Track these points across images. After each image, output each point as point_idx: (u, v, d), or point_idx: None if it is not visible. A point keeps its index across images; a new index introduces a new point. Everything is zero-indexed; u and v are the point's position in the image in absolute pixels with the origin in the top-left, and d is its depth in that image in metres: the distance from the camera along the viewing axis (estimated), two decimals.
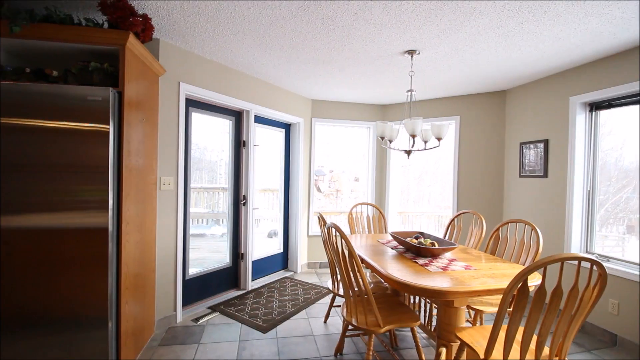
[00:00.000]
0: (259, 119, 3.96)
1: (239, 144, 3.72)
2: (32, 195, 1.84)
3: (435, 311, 2.72)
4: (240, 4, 2.10)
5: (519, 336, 1.63)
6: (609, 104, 2.89)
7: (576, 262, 1.30)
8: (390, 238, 2.95)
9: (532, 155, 3.53)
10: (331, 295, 3.54)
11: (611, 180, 2.99)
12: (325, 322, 2.98)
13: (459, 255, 2.37)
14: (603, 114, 2.99)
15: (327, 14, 2.21)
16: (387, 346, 2.47)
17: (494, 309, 2.21)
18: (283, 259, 4.54)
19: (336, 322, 2.99)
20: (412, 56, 2.83)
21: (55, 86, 1.86)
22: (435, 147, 2.69)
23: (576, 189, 3.05)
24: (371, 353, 1.99)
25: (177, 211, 2.91)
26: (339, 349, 2.41)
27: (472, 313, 2.59)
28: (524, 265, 2.27)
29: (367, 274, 3.09)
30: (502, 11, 2.12)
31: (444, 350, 1.93)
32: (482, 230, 2.76)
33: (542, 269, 1.28)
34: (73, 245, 1.88)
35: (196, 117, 3.25)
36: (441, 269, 1.99)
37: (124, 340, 2.05)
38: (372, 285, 2.73)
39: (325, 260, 4.72)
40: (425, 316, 2.68)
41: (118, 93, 1.98)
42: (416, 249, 2.28)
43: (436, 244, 2.35)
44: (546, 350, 1.54)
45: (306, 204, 4.60)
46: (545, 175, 3.36)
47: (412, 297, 2.85)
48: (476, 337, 1.75)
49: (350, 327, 2.56)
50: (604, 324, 2.75)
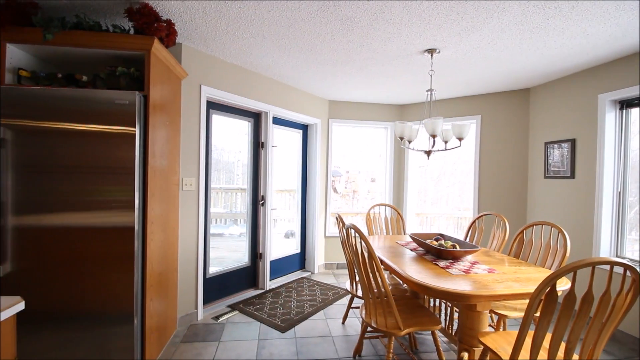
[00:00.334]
0: (277, 120, 3.99)
1: (257, 145, 3.76)
2: (63, 195, 1.93)
3: (456, 315, 2.67)
4: (261, 6, 2.13)
5: (546, 343, 1.58)
6: None
7: (608, 266, 1.25)
8: (409, 240, 2.92)
9: (558, 155, 3.40)
10: (349, 296, 3.53)
11: None
12: (343, 323, 2.97)
13: (481, 258, 2.31)
14: (634, 111, 2.86)
15: (346, 14, 2.21)
16: (406, 349, 2.44)
17: (518, 314, 2.15)
18: (300, 260, 4.56)
19: (354, 323, 2.98)
20: (432, 55, 2.79)
21: (86, 91, 1.93)
22: (457, 147, 2.64)
23: (605, 190, 2.92)
24: (391, 356, 1.97)
25: (199, 211, 2.97)
26: (357, 351, 2.40)
27: (495, 317, 2.52)
28: (550, 269, 2.20)
29: (385, 275, 3.06)
30: (527, 7, 2.06)
31: (465, 355, 1.90)
32: (505, 233, 2.69)
33: (571, 273, 1.23)
34: (101, 243, 1.96)
35: (216, 118, 3.31)
36: (463, 271, 1.95)
37: (148, 337, 2.12)
38: (391, 287, 2.70)
39: (343, 261, 4.71)
40: (445, 319, 2.63)
41: (144, 96, 2.05)
42: (437, 251, 2.24)
43: (457, 246, 2.31)
44: (575, 357, 1.48)
45: (323, 204, 4.61)
46: (572, 176, 3.24)
47: (431, 299, 2.81)
48: (500, 342, 1.70)
49: (369, 328, 2.55)
50: (635, 332, 2.62)
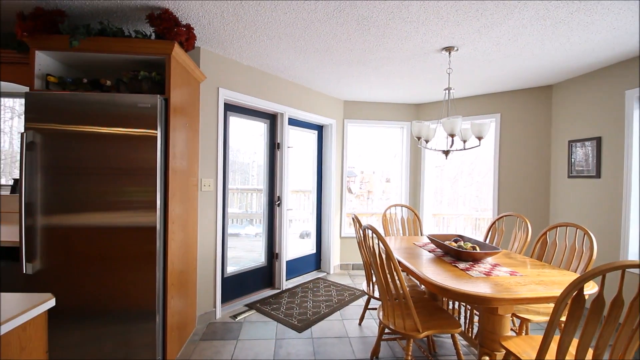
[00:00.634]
0: (293, 121, 4.02)
1: (273, 146, 3.80)
2: (89, 196, 2.00)
3: (476, 318, 2.62)
4: (278, 9, 2.15)
5: (572, 348, 1.53)
6: None
7: (638, 270, 1.20)
8: (427, 241, 2.87)
9: (582, 154, 3.28)
10: (365, 298, 3.52)
11: None
12: (359, 324, 2.96)
13: (502, 260, 2.26)
14: None
15: (362, 14, 2.20)
16: (425, 352, 2.40)
17: (541, 318, 2.08)
18: (316, 260, 4.57)
19: (371, 324, 2.96)
20: (449, 53, 2.74)
21: (110, 95, 2.00)
22: (476, 146, 2.59)
23: (633, 190, 2.79)
24: (410, 358, 1.95)
25: (217, 211, 3.02)
26: (375, 353, 2.38)
27: (517, 321, 2.46)
28: (575, 272, 2.12)
29: (403, 276, 3.02)
30: (549, 2, 2.00)
31: (487, 359, 1.85)
32: (527, 235, 2.61)
33: (599, 277, 1.19)
34: (124, 242, 2.02)
35: (233, 120, 3.36)
36: (484, 274, 1.91)
37: (169, 334, 2.17)
38: (408, 289, 2.67)
39: (358, 262, 4.69)
40: (465, 322, 2.58)
41: (164, 100, 2.10)
42: (456, 253, 2.20)
43: (477, 247, 2.26)
44: None
45: (338, 205, 4.60)
46: (598, 175, 3.11)
47: (450, 302, 2.76)
48: (523, 347, 1.66)
49: (386, 330, 2.53)
50: None
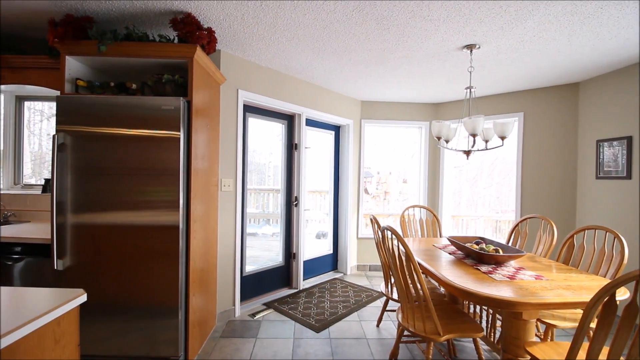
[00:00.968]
0: (310, 122, 4.03)
1: (291, 147, 3.82)
2: (115, 195, 2.08)
3: (498, 322, 2.55)
4: (297, 10, 2.16)
5: (602, 356, 1.47)
6: None
7: None
8: (447, 242, 2.82)
9: (610, 154, 3.14)
10: (383, 299, 3.49)
11: None
12: (377, 325, 2.94)
13: (527, 263, 2.19)
14: None
15: (382, 13, 2.18)
16: (445, 355, 2.36)
17: (567, 324, 2.01)
18: (333, 260, 4.56)
19: (389, 326, 2.94)
20: (471, 51, 2.69)
21: (136, 98, 2.07)
22: (499, 146, 2.52)
23: None
24: None
25: (236, 211, 3.07)
26: (393, 355, 2.36)
27: (542, 327, 2.38)
28: (604, 277, 2.04)
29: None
30: None
31: None
32: (552, 238, 2.52)
33: (633, 282, 1.13)
34: (148, 240, 2.08)
35: (252, 121, 3.41)
36: (507, 277, 1.86)
37: (191, 330, 2.22)
38: (428, 291, 2.63)
39: (375, 263, 4.66)
40: (487, 327, 2.52)
41: (187, 102, 2.15)
42: (478, 255, 2.15)
43: (500, 250, 2.20)
44: None
45: (355, 206, 4.58)
46: (628, 176, 2.98)
47: (471, 305, 2.70)
48: (549, 353, 1.61)
49: (405, 332, 2.50)
50: None
